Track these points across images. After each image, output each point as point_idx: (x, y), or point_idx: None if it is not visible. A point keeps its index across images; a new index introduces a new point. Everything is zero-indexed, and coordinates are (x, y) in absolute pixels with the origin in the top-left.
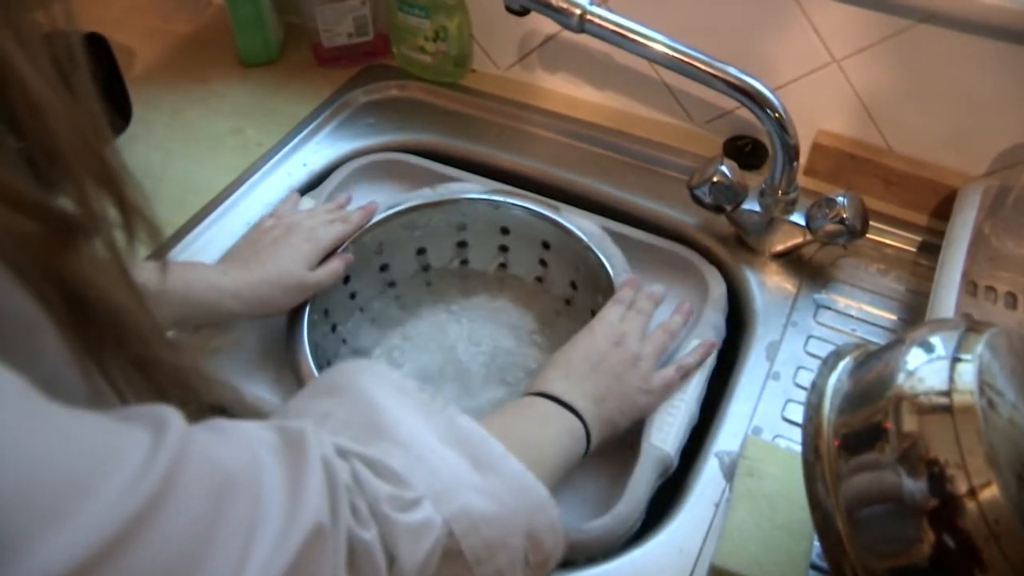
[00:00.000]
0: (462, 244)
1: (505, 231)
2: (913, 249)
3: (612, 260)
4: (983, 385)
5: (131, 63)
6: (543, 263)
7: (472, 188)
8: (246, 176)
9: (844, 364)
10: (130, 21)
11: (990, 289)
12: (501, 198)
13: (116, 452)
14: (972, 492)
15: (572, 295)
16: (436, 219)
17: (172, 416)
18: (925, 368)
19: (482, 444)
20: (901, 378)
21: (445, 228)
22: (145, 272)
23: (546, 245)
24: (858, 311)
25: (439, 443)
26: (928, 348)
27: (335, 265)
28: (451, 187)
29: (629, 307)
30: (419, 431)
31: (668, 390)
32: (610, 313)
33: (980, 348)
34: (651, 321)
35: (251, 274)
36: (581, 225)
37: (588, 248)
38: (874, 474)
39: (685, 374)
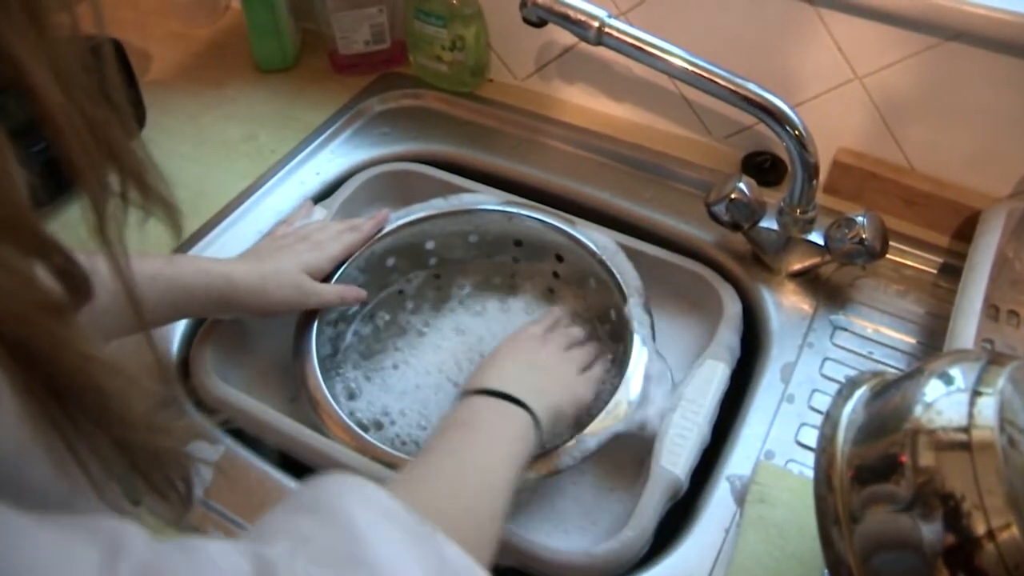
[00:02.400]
0: (474, 255)
1: (518, 243)
2: (934, 271)
3: (625, 276)
4: (1004, 422)
5: (147, 67)
6: (555, 275)
7: (485, 199)
8: (259, 183)
9: (860, 394)
10: (147, 25)
11: (1012, 313)
12: (514, 210)
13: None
14: (991, 534)
15: (583, 309)
16: (448, 229)
17: (132, 538)
18: (944, 401)
19: None
20: (918, 410)
21: (457, 239)
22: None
23: (559, 258)
24: (876, 333)
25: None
26: (947, 380)
27: (344, 291)
28: (463, 198)
29: (550, 329)
30: (403, 564)
31: (599, 381)
32: (533, 326)
33: (1002, 382)
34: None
35: (245, 264)
36: (595, 239)
37: (601, 262)
38: (888, 510)
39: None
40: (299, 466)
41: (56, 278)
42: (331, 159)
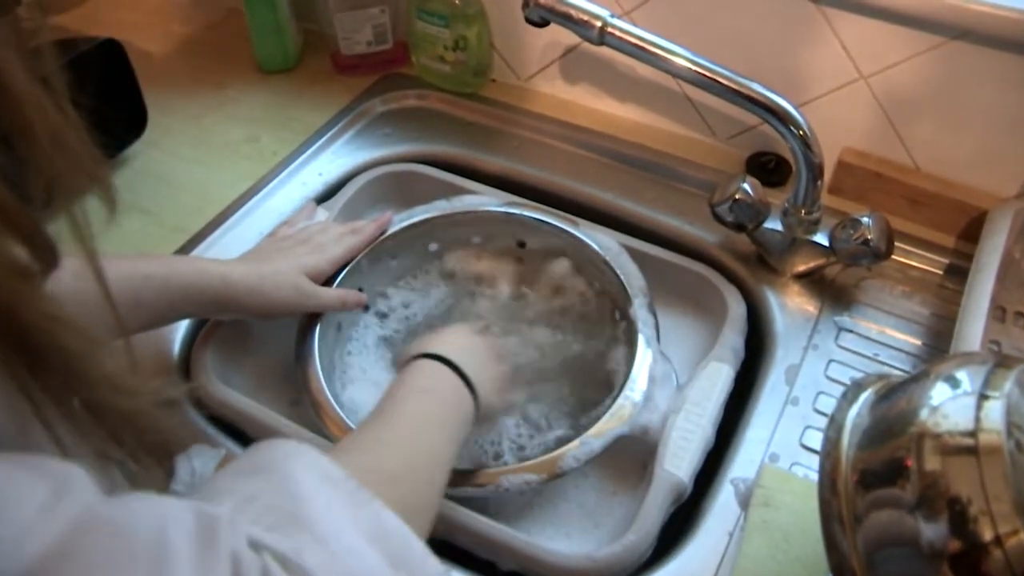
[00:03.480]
0: (478, 256)
1: (522, 244)
2: (940, 272)
3: (629, 277)
4: (1011, 426)
5: (149, 68)
6: (559, 276)
7: (488, 200)
8: (261, 185)
9: (865, 397)
10: (149, 25)
11: (1019, 315)
12: (518, 211)
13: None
14: (998, 540)
15: (586, 310)
16: (452, 231)
17: (79, 478)
18: (950, 404)
19: (404, 544)
20: (924, 414)
21: (461, 241)
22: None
23: (563, 258)
24: (881, 335)
25: (359, 539)
26: (954, 383)
27: (344, 295)
28: (466, 199)
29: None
30: (340, 526)
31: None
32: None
33: (1009, 385)
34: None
35: (244, 264)
36: (599, 240)
37: (606, 263)
38: (893, 515)
39: None
40: None
41: (24, 245)
42: (333, 160)
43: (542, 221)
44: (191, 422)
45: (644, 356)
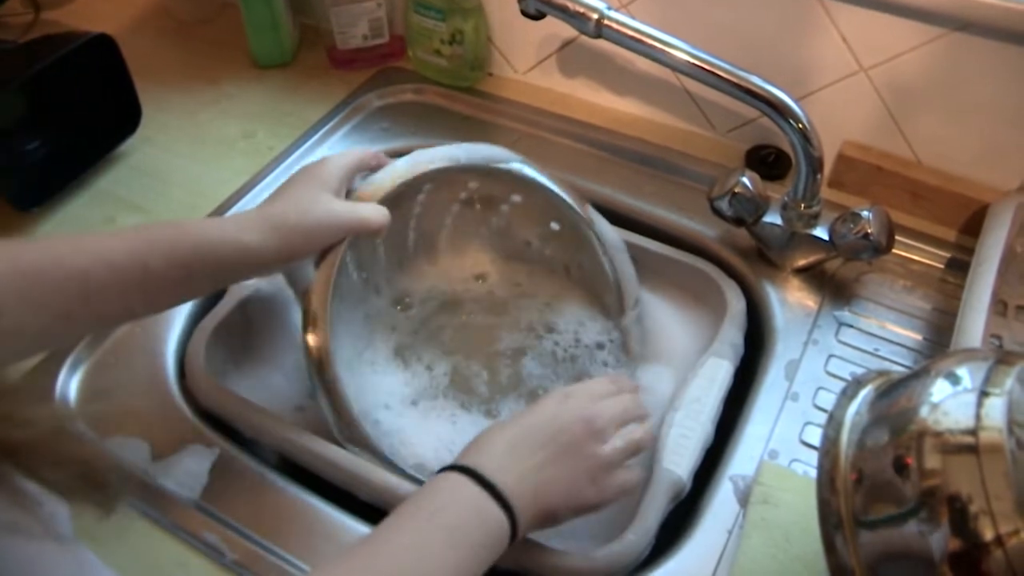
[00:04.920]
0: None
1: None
2: (941, 266)
3: (625, 276)
4: (1012, 423)
5: (143, 63)
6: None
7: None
8: (257, 180)
9: (864, 394)
10: (143, 20)
11: (1021, 309)
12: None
13: None
14: (999, 540)
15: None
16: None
17: None
18: (950, 402)
19: None
20: (924, 411)
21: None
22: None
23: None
24: (882, 330)
25: None
26: (954, 380)
27: (364, 210)
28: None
29: (613, 395)
30: None
31: (622, 493)
32: (591, 386)
33: (1010, 382)
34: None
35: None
36: (605, 235)
37: (604, 257)
38: (893, 514)
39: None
40: (297, 469)
41: None
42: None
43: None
44: (185, 420)
45: None
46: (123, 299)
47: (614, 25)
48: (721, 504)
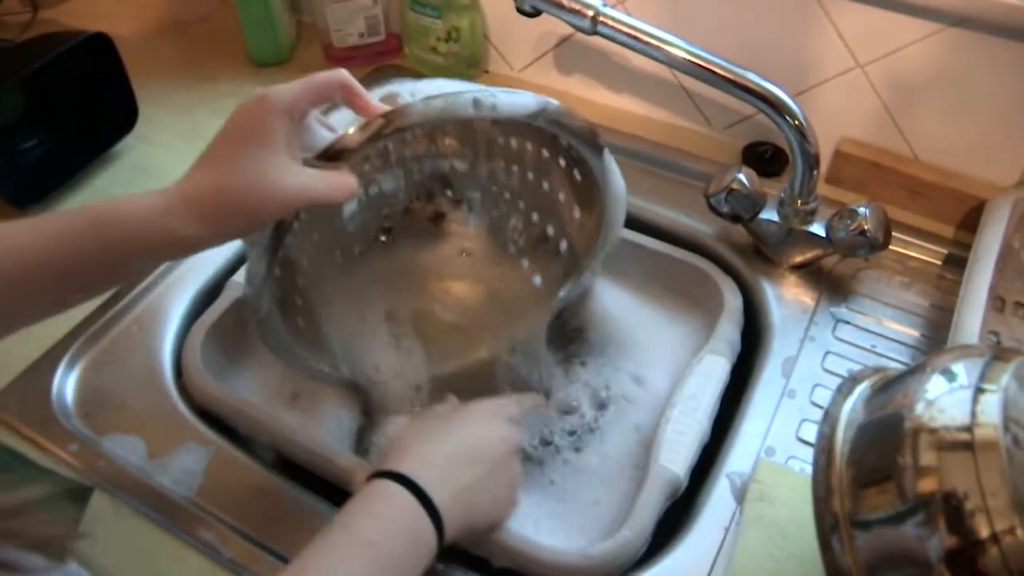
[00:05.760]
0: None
1: None
2: (938, 262)
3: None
4: (1008, 420)
5: (139, 62)
6: None
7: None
8: None
9: (860, 391)
10: (140, 19)
11: (1019, 305)
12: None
13: None
14: (994, 537)
15: None
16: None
17: None
18: (946, 398)
19: None
20: (920, 408)
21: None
22: None
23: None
24: (879, 326)
25: None
26: (950, 376)
27: (329, 179)
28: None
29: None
30: None
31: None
32: (506, 407)
33: (1006, 379)
34: None
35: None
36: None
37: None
38: (888, 511)
39: None
40: (293, 466)
41: None
42: None
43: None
44: (182, 418)
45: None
46: (41, 297)
47: (610, 22)
48: (718, 501)
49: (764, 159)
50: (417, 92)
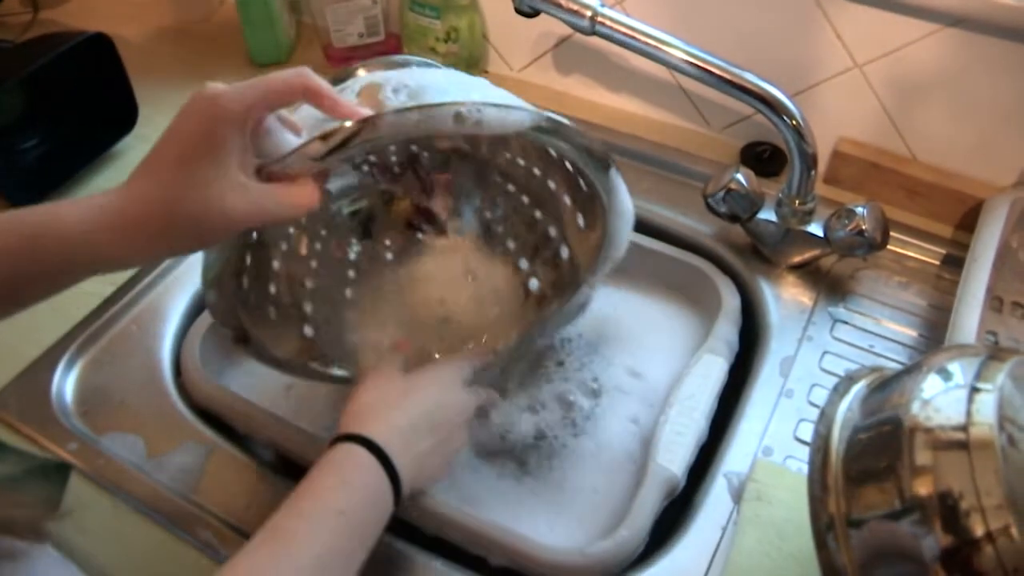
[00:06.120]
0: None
1: None
2: (936, 262)
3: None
4: (1003, 419)
5: (139, 62)
6: None
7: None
8: None
9: (856, 390)
10: (140, 19)
11: (1016, 305)
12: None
13: None
14: (989, 536)
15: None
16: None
17: None
18: (941, 398)
19: None
20: (916, 408)
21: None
22: None
23: None
24: (877, 326)
25: None
26: (946, 376)
27: (303, 194)
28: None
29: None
30: None
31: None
32: (462, 364)
33: (1002, 378)
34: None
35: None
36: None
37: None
38: (884, 511)
39: None
40: (292, 465)
41: None
42: None
43: None
44: (180, 416)
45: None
46: None
47: (608, 22)
48: (715, 501)
49: (762, 159)
50: (402, 88)
